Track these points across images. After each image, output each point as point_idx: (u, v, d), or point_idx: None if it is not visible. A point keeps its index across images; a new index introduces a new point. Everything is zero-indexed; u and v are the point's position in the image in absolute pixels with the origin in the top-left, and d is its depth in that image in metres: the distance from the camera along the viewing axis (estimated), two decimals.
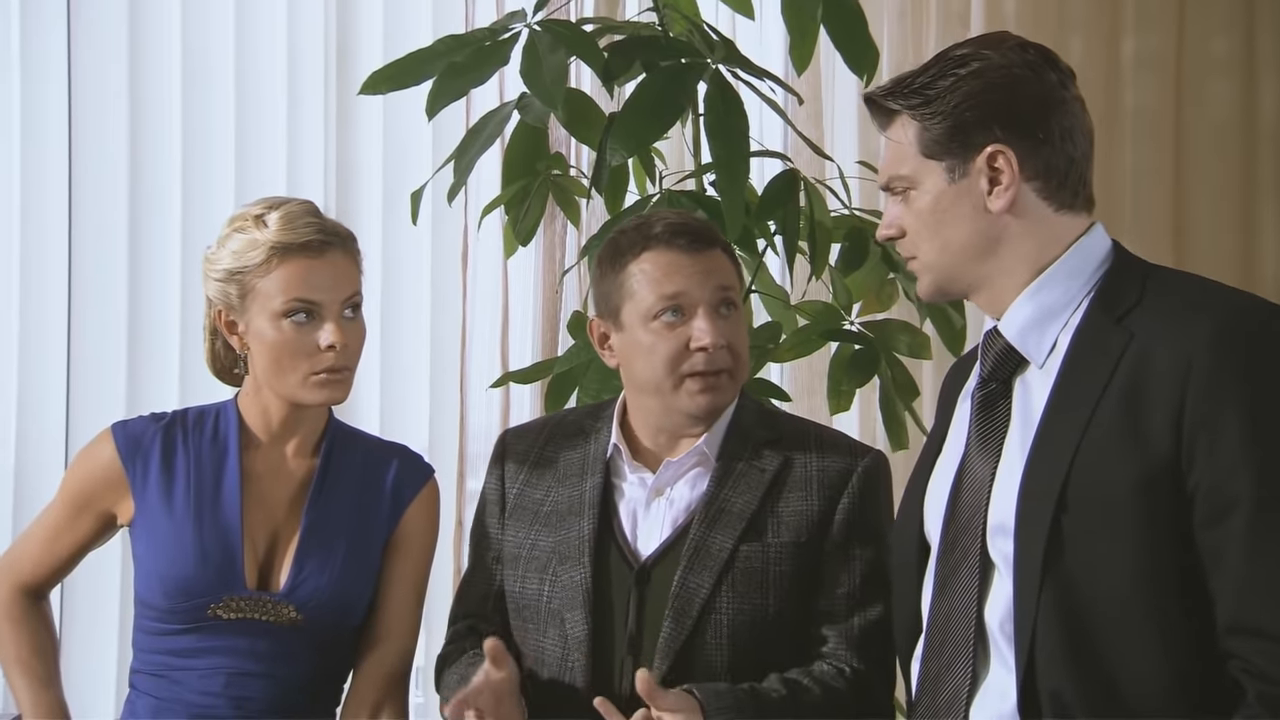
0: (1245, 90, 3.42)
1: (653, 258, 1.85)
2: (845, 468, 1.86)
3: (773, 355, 2.58)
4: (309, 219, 1.89)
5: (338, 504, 1.94)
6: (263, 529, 1.92)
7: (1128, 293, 1.54)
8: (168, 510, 1.91)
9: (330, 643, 1.92)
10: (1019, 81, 1.56)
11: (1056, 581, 1.46)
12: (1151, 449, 1.44)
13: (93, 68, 3.09)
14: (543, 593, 1.86)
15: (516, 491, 1.95)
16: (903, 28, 3.34)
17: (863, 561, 1.82)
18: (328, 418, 2.00)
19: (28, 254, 3.04)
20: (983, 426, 1.58)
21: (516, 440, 2.01)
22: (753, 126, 2.37)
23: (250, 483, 1.93)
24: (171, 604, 1.88)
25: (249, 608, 1.88)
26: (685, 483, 1.87)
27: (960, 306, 2.53)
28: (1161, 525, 1.43)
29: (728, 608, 1.79)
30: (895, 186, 1.62)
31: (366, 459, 1.99)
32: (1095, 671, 1.45)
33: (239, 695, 1.88)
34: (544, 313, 3.26)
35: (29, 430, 3.02)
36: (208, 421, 1.96)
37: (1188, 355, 1.44)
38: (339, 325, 1.87)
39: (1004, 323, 1.59)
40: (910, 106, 1.59)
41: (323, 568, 1.90)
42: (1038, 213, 1.57)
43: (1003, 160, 1.55)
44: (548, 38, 2.31)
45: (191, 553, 1.88)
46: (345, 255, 1.91)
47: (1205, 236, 3.41)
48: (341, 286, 1.89)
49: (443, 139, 3.01)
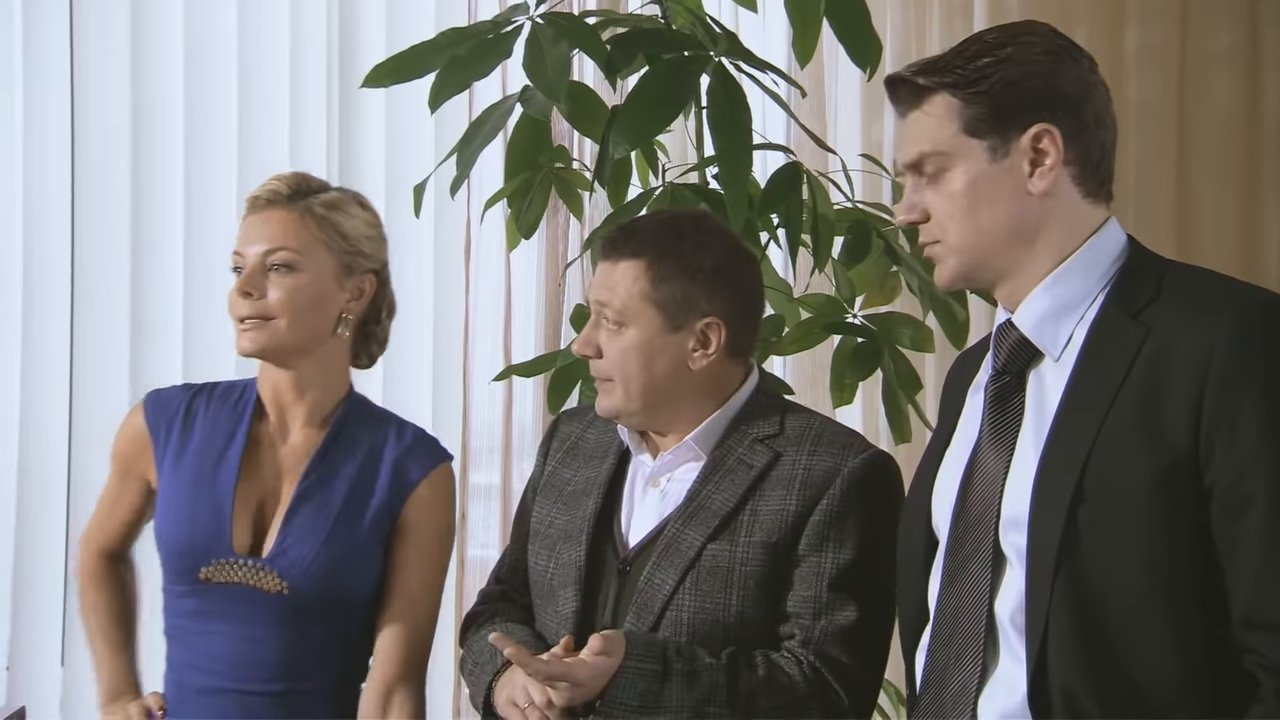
0: (1248, 83, 3.41)
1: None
2: (831, 468, 1.82)
3: (776, 348, 2.58)
4: (270, 181, 1.95)
5: (335, 477, 1.95)
6: (257, 496, 1.95)
7: (1144, 288, 1.53)
8: (176, 474, 1.96)
9: (324, 614, 1.92)
10: (1061, 63, 1.55)
11: (1070, 574, 1.45)
12: (1169, 443, 1.44)
13: (96, 59, 3.09)
14: (548, 569, 1.90)
15: (550, 470, 1.99)
16: (906, 20, 3.34)
17: (834, 565, 1.79)
18: (346, 393, 2.02)
19: (31, 249, 3.05)
20: (996, 419, 1.57)
21: (566, 421, 2.06)
22: (756, 119, 2.37)
23: (253, 451, 1.97)
24: (170, 565, 1.94)
25: (235, 573, 1.90)
26: (680, 474, 1.88)
27: (963, 299, 2.53)
28: (1178, 519, 1.43)
29: (690, 605, 1.79)
30: (927, 166, 1.57)
31: (377, 436, 2.00)
32: (1107, 663, 1.44)
33: (238, 660, 1.90)
34: (547, 306, 3.26)
35: (32, 423, 3.02)
36: (234, 393, 2.03)
37: (1207, 350, 1.43)
38: (248, 274, 1.91)
39: (1019, 315, 1.58)
40: (951, 83, 1.55)
41: (306, 536, 1.91)
42: (1069, 199, 1.56)
43: (1048, 140, 1.54)
44: (550, 30, 2.31)
45: (185, 515, 1.93)
46: (285, 212, 1.93)
47: (1208, 229, 3.40)
48: (263, 239, 1.92)
49: (445, 132, 3.01)
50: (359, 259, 1.99)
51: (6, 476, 3.01)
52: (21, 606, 2.99)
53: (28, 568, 3.02)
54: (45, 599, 3.10)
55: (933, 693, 1.57)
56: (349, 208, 1.99)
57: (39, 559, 3.01)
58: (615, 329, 1.86)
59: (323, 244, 1.94)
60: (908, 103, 1.59)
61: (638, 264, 1.85)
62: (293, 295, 1.92)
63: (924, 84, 1.57)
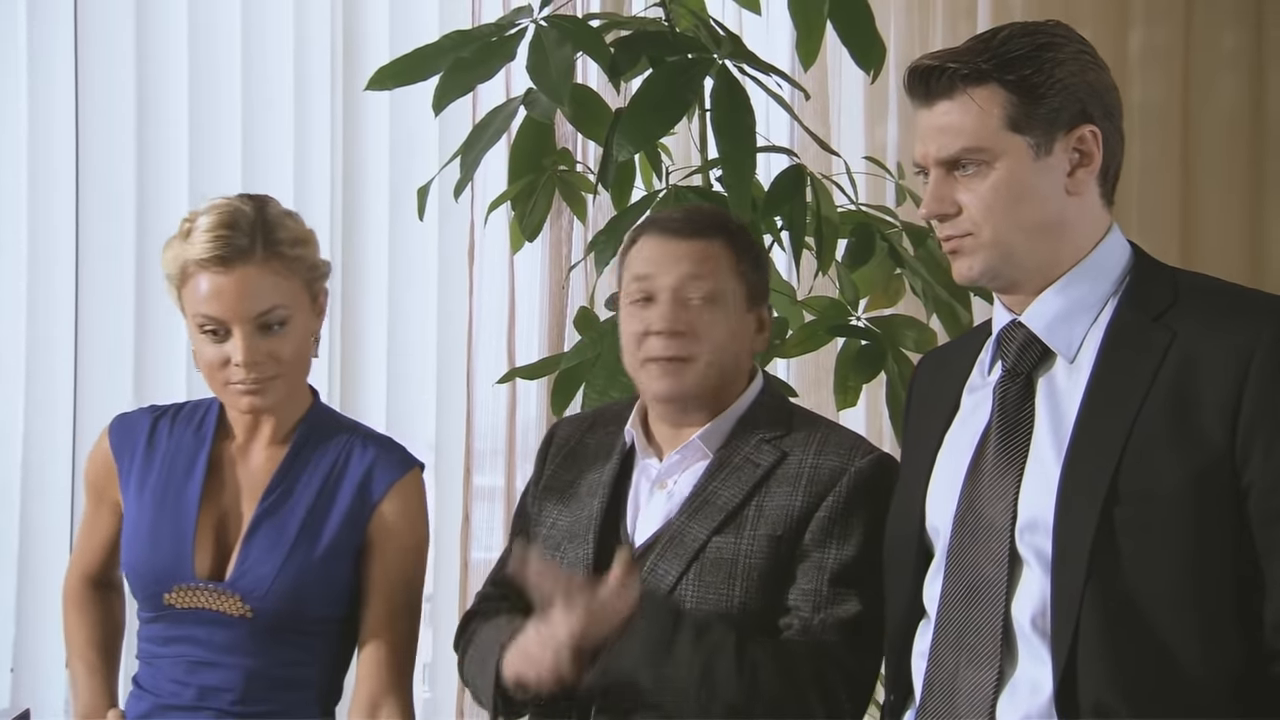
0: (1253, 84, 3.41)
1: (642, 241, 1.90)
2: (838, 468, 1.83)
3: (779, 351, 2.58)
4: (219, 232, 1.84)
5: (296, 494, 1.92)
6: (219, 519, 1.93)
7: (1160, 293, 1.53)
8: (139, 498, 1.94)
9: (291, 633, 1.90)
10: (1102, 67, 1.56)
11: (1103, 576, 1.45)
12: (1203, 444, 1.44)
13: (100, 64, 3.09)
14: None
15: (551, 473, 1.99)
16: (909, 22, 3.34)
17: (836, 561, 1.80)
18: (308, 406, 1.98)
19: (35, 253, 3.04)
20: (1006, 421, 1.57)
21: (564, 427, 2.06)
22: (759, 122, 2.37)
23: (216, 473, 1.94)
24: (135, 591, 1.94)
25: (199, 597, 1.89)
26: (687, 476, 1.88)
27: (967, 301, 2.53)
28: (1212, 520, 1.44)
29: (692, 596, 1.79)
30: (968, 160, 1.54)
31: (341, 450, 1.96)
32: (1139, 664, 1.44)
33: (202, 685, 1.89)
34: (550, 308, 3.26)
35: (36, 426, 3.02)
36: (197, 413, 2.00)
37: (1247, 355, 1.44)
38: (247, 342, 1.84)
39: (1030, 315, 1.57)
40: (1000, 76, 1.52)
41: (267, 558, 1.89)
42: (1092, 201, 1.57)
43: (1092, 141, 1.54)
44: (554, 33, 2.31)
45: (147, 540, 1.91)
46: (260, 267, 1.85)
47: (1213, 230, 3.40)
48: (250, 303, 1.84)
49: (449, 135, 3.00)
50: (319, 281, 1.95)
51: (11, 478, 3.00)
52: (26, 609, 2.98)
53: (32, 571, 3.01)
54: (49, 602, 3.08)
55: (940, 695, 1.56)
56: (302, 231, 1.93)
57: (43, 562, 3.00)
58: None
59: (300, 283, 1.90)
60: (940, 92, 1.55)
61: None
62: (293, 350, 1.89)
63: (968, 74, 1.53)
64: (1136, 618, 1.44)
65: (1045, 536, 1.49)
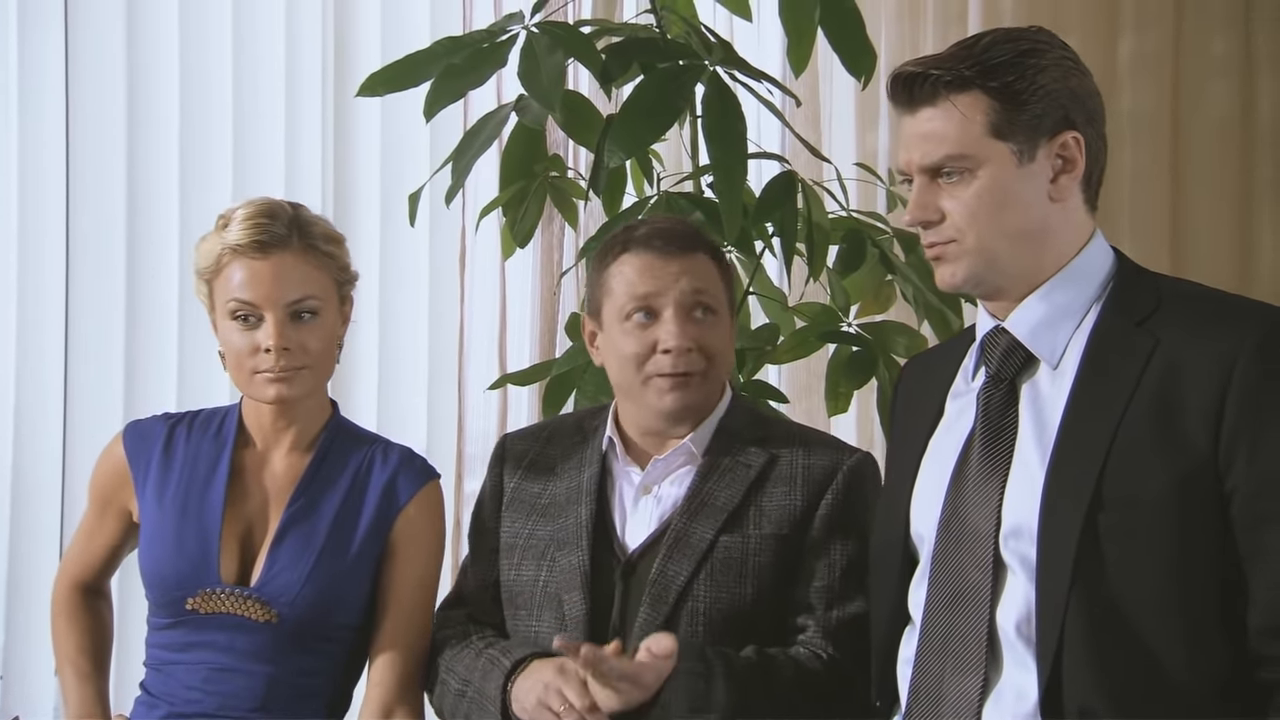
0: (1243, 90, 3.41)
1: (630, 259, 1.89)
2: (831, 465, 1.87)
3: (770, 357, 2.58)
4: (259, 220, 1.89)
5: (322, 502, 1.94)
6: (244, 525, 1.93)
7: (1144, 299, 1.54)
8: (159, 505, 1.94)
9: (313, 641, 1.91)
10: (1085, 73, 1.56)
11: (1087, 582, 1.45)
12: (1187, 449, 1.44)
13: (90, 71, 3.09)
14: (539, 578, 1.89)
15: (514, 486, 1.98)
16: (900, 29, 3.34)
17: (843, 556, 1.83)
18: (329, 416, 2.00)
19: (25, 256, 3.04)
20: (990, 427, 1.57)
21: (516, 442, 2.05)
22: (750, 128, 2.37)
23: (239, 479, 1.95)
24: (154, 597, 1.93)
25: (223, 602, 1.89)
26: (672, 481, 1.89)
27: (958, 308, 2.53)
28: (1195, 525, 1.44)
29: (705, 595, 1.81)
30: (951, 168, 1.54)
31: (364, 459, 1.98)
32: (1124, 669, 1.44)
33: (220, 691, 1.89)
34: (542, 314, 3.26)
35: (26, 431, 3.02)
36: (214, 421, 2.01)
37: (1230, 361, 1.44)
38: (279, 328, 1.87)
39: (1013, 320, 1.58)
40: (983, 83, 1.52)
41: (295, 564, 1.90)
42: (1075, 207, 1.58)
43: (1075, 148, 1.54)
44: (545, 39, 2.31)
45: (170, 546, 1.91)
46: (296, 257, 1.89)
47: (1202, 237, 3.40)
48: (285, 289, 1.88)
49: (440, 141, 3.01)
50: (348, 285, 1.98)
51: (1, 479, 3.00)
52: (15, 615, 2.98)
53: (21, 577, 3.01)
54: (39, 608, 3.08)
55: (926, 702, 1.57)
56: (335, 233, 1.96)
57: (33, 568, 3.00)
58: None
59: (332, 281, 1.93)
60: (923, 99, 1.55)
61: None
62: (321, 343, 1.91)
63: (950, 80, 1.53)
64: (1121, 623, 1.44)
65: (1029, 542, 1.49)
